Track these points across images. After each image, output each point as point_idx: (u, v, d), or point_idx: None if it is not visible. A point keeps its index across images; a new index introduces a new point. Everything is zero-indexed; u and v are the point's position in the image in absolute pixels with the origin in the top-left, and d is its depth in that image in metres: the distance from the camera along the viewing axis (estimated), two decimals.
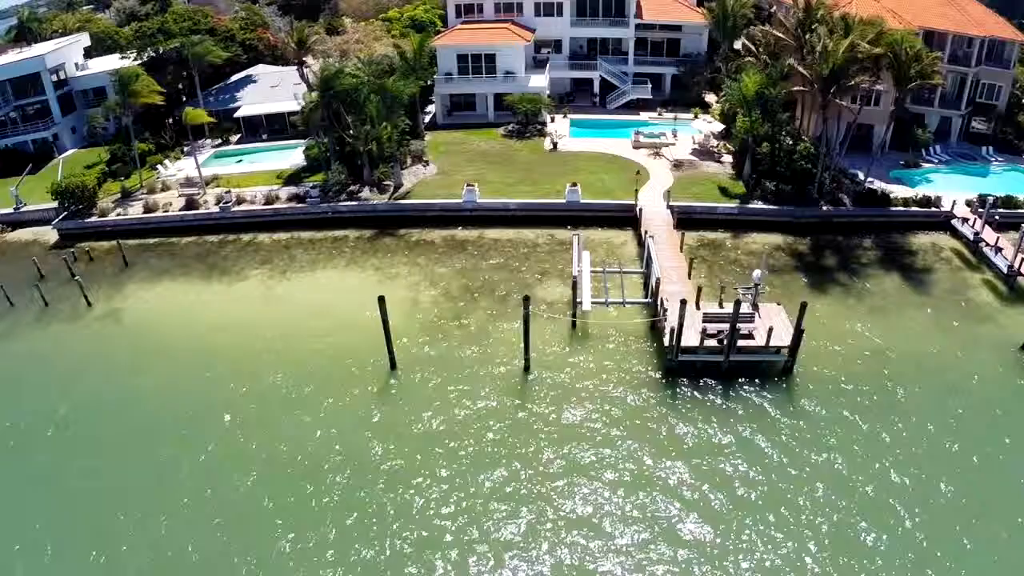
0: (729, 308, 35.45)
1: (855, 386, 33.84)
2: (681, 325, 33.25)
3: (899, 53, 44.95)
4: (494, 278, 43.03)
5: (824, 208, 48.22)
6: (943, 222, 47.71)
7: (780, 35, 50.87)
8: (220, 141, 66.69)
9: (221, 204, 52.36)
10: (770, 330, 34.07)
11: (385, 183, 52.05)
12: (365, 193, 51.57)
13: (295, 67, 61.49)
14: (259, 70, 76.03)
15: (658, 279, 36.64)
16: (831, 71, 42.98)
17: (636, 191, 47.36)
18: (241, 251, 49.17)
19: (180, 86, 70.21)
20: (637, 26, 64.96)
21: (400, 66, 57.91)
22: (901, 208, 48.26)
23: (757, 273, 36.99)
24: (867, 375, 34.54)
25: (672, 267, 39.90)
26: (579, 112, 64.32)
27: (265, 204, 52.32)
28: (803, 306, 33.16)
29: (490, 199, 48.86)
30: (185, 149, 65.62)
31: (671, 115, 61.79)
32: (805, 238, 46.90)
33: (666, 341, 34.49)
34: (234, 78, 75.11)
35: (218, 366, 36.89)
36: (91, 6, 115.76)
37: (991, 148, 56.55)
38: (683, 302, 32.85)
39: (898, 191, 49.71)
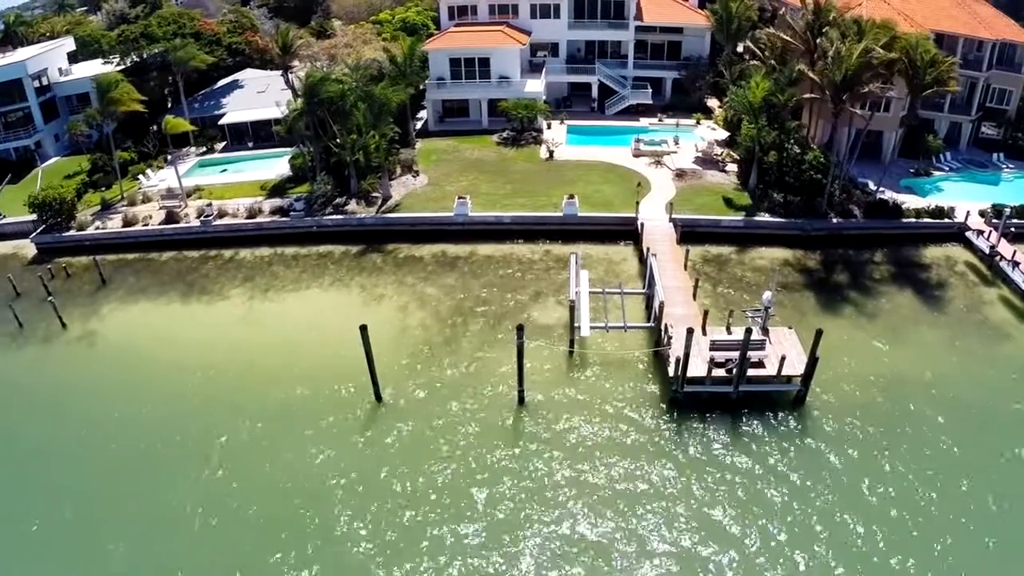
0: (738, 333, 33.28)
1: (871, 416, 31.62)
2: (687, 356, 30.85)
3: (914, 58, 42.53)
4: (487, 299, 40.62)
5: (834, 220, 45.90)
6: (957, 234, 45.66)
7: (787, 38, 48.45)
8: (204, 149, 64.24)
9: (202, 218, 49.97)
10: (782, 359, 31.73)
11: (373, 195, 49.63)
12: (352, 206, 49.13)
13: (281, 72, 59.03)
14: (246, 75, 73.56)
15: (661, 303, 34.23)
16: (844, 77, 40.51)
17: (637, 203, 44.94)
18: (222, 268, 46.80)
19: (166, 92, 67.93)
20: (637, 28, 62.52)
21: (390, 71, 55.53)
22: (913, 220, 46.11)
23: (767, 295, 34.75)
24: (883, 404, 32.37)
25: (676, 287, 37.49)
26: (577, 118, 61.86)
27: (248, 218, 49.91)
28: (818, 334, 30.86)
29: (483, 212, 46.45)
30: (168, 158, 63.52)
31: (672, 121, 59.35)
32: (814, 252, 44.62)
33: (671, 371, 32.11)
34: (221, 83, 72.66)
35: (192, 396, 34.60)
36: (84, 8, 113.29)
37: (1001, 154, 54.36)
38: (689, 331, 30.43)
39: (909, 201, 47.50)
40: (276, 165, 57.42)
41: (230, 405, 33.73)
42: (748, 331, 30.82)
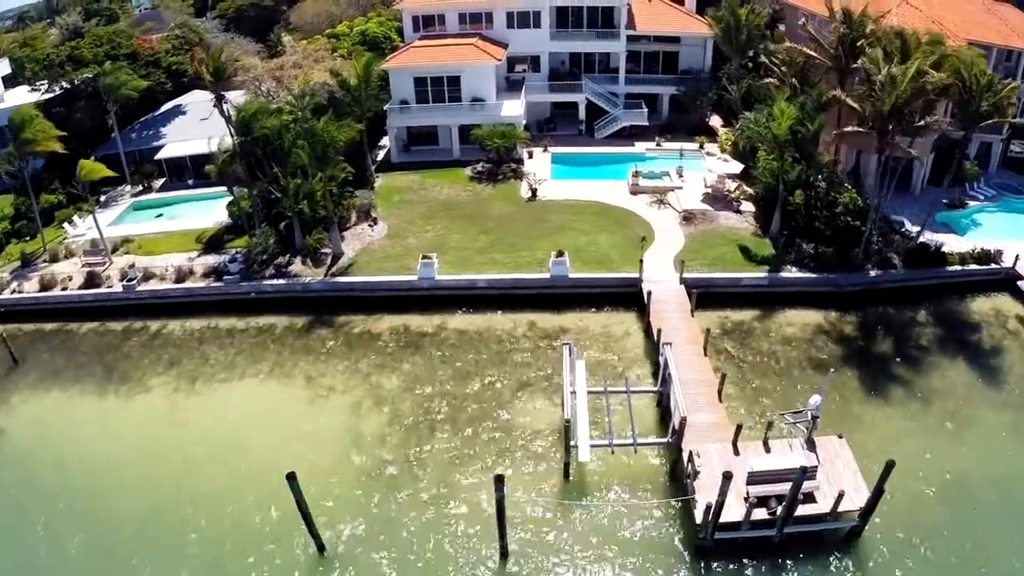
0: (777, 450, 26.37)
1: (937, 544, 25.20)
2: (722, 504, 23.20)
3: (968, 81, 34.92)
4: (458, 394, 32.71)
5: (872, 273, 38.47)
6: (1005, 280, 38.92)
7: (812, 53, 40.73)
8: (141, 188, 55.84)
9: (125, 281, 41.85)
10: (840, 496, 24.19)
11: (322, 251, 41.48)
12: (296, 266, 40.99)
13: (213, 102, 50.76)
14: (192, 98, 64.68)
15: (683, 419, 26.42)
16: (894, 107, 32.78)
17: (640, 261, 37.06)
18: (146, 346, 38.80)
19: (109, 122, 59.47)
20: (628, 38, 54.51)
21: (342, 97, 47.30)
22: (958, 267, 39.03)
23: (815, 401, 27.30)
24: (950, 524, 25.90)
25: (696, 382, 29.72)
26: (562, 144, 53.82)
27: (176, 282, 41.74)
28: (889, 466, 23.51)
29: (452, 276, 38.42)
30: (102, 198, 55.23)
31: (674, 146, 51.38)
32: (850, 314, 37.35)
33: (698, 517, 24.45)
34: (164, 108, 64.05)
35: (98, 531, 27.33)
36: (47, 21, 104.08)
37: None
38: (726, 478, 22.75)
39: (949, 242, 40.31)
40: (216, 209, 49.18)
41: (134, 551, 26.11)
42: (802, 471, 23.19)
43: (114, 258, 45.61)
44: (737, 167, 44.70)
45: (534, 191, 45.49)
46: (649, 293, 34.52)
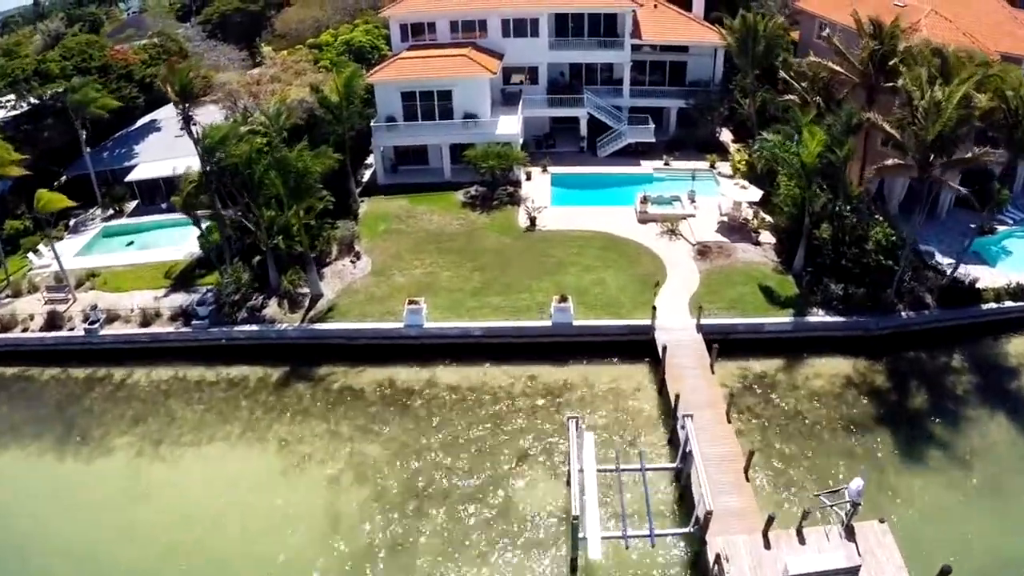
0: (813, 540, 23.14)
1: None
2: None
3: (1014, 105, 31.08)
4: (450, 466, 29.01)
5: (903, 315, 34.86)
6: None
7: (838, 68, 36.92)
8: (112, 212, 51.97)
9: (88, 324, 38.15)
10: None
11: (300, 291, 37.69)
12: (272, 308, 37.20)
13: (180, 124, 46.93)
14: (167, 113, 59.99)
15: (708, 513, 22.78)
16: (937, 135, 28.98)
17: (653, 308, 33.27)
18: (110, 398, 35.20)
19: (84, 137, 55.54)
20: (632, 47, 50.57)
21: (323, 115, 43.43)
22: (993, 304, 35.61)
23: (857, 486, 23.79)
24: None
25: (720, 459, 26.03)
26: (562, 162, 49.87)
27: (142, 325, 38.03)
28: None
29: (443, 323, 34.61)
30: (72, 222, 51.40)
31: (684, 166, 47.49)
32: (881, 361, 33.90)
33: None
34: (140, 123, 60.08)
35: None
36: (33, 27, 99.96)
37: None
38: None
39: (983, 275, 36.72)
40: (189, 237, 45.08)
41: None
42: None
43: (79, 294, 41.89)
44: (754, 193, 40.77)
45: (533, 220, 41.57)
46: (664, 348, 30.69)
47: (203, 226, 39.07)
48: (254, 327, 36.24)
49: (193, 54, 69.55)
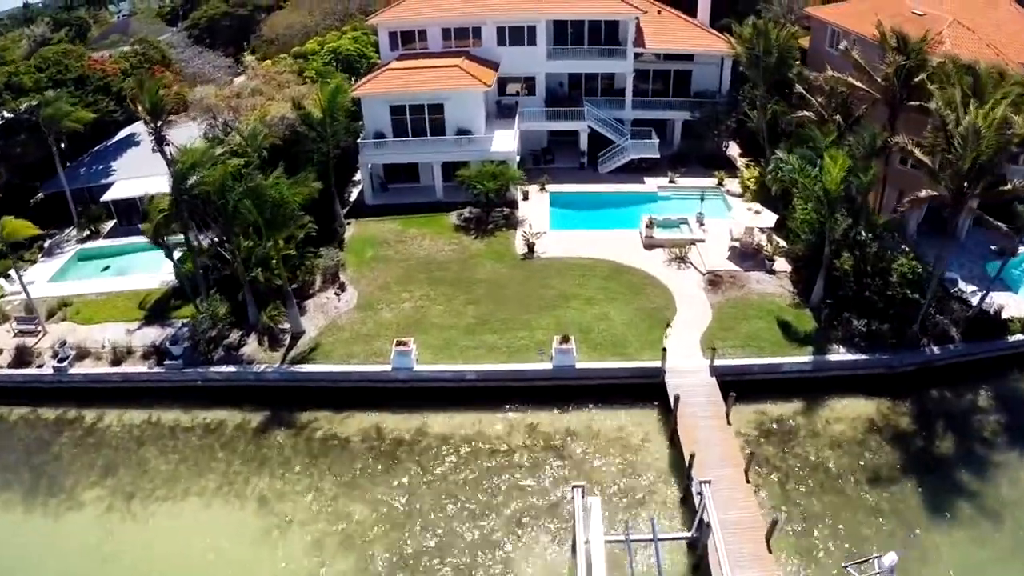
0: None
1: None
2: None
3: None
4: (442, 531, 26.43)
5: (928, 351, 32.40)
6: None
7: (859, 84, 34.29)
8: (88, 233, 49.26)
9: (57, 361, 35.59)
10: None
11: (280, 327, 35.05)
12: (250, 346, 34.56)
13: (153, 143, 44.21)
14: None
15: None
16: (973, 163, 26.41)
17: (663, 350, 30.64)
18: (80, 444, 32.70)
19: (58, 153, 52.75)
20: (635, 56, 47.85)
21: (306, 132, 40.71)
22: (1020, 336, 33.13)
23: (891, 561, 21.47)
24: None
25: (739, 526, 23.56)
26: (561, 179, 47.16)
27: (113, 363, 35.44)
28: None
29: (434, 366, 31.94)
30: (46, 244, 48.71)
31: (691, 183, 44.78)
32: (904, 401, 31.53)
33: None
34: (118, 136, 57.13)
35: None
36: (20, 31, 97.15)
37: None
38: None
39: (1008, 303, 34.24)
40: (166, 263, 42.41)
41: None
42: None
43: (50, 325, 39.37)
44: (768, 217, 37.99)
45: (531, 246, 38.85)
46: (676, 398, 28.06)
47: (175, 257, 36.33)
48: (231, 368, 33.59)
49: (177, 62, 67.10)
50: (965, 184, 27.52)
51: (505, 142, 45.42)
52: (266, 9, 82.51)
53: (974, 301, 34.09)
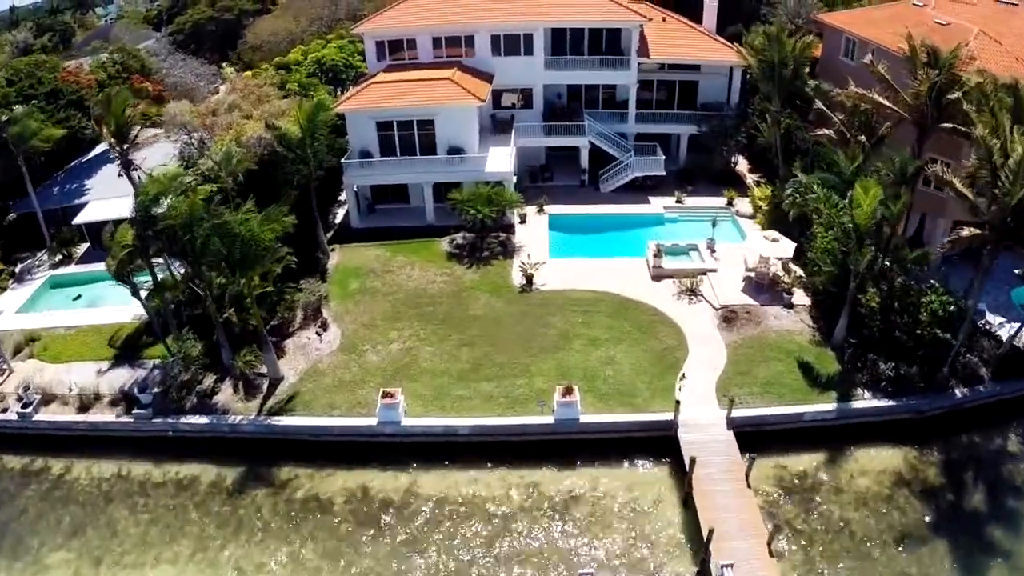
0: None
1: None
2: None
3: None
4: None
5: (957, 393, 29.84)
6: None
7: (885, 102, 31.51)
8: (60, 258, 46.47)
9: (22, 406, 32.94)
10: None
11: (256, 372, 32.30)
12: (225, 394, 31.83)
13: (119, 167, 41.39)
14: None
15: None
16: (1021, 201, 23.72)
17: (677, 403, 27.91)
18: (46, 498, 30.11)
19: (27, 172, 49.84)
20: (638, 66, 44.99)
21: (285, 154, 37.83)
22: None
23: None
24: None
25: None
26: (560, 198, 44.30)
27: (80, 410, 32.77)
28: None
29: (424, 419, 29.16)
30: (17, 269, 46.00)
31: (699, 202, 42.00)
32: (931, 449, 29.13)
33: None
34: (94, 152, 54.23)
35: None
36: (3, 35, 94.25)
37: None
38: None
39: None
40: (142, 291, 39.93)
41: None
42: None
43: (16, 363, 36.78)
44: (787, 246, 35.14)
45: (529, 278, 36.01)
46: (692, 460, 25.32)
47: (143, 295, 33.52)
48: (203, 419, 30.84)
49: (157, 71, 64.20)
50: (1009, 220, 24.77)
51: (500, 161, 42.59)
52: (253, 14, 79.57)
53: (1003, 334, 31.57)
